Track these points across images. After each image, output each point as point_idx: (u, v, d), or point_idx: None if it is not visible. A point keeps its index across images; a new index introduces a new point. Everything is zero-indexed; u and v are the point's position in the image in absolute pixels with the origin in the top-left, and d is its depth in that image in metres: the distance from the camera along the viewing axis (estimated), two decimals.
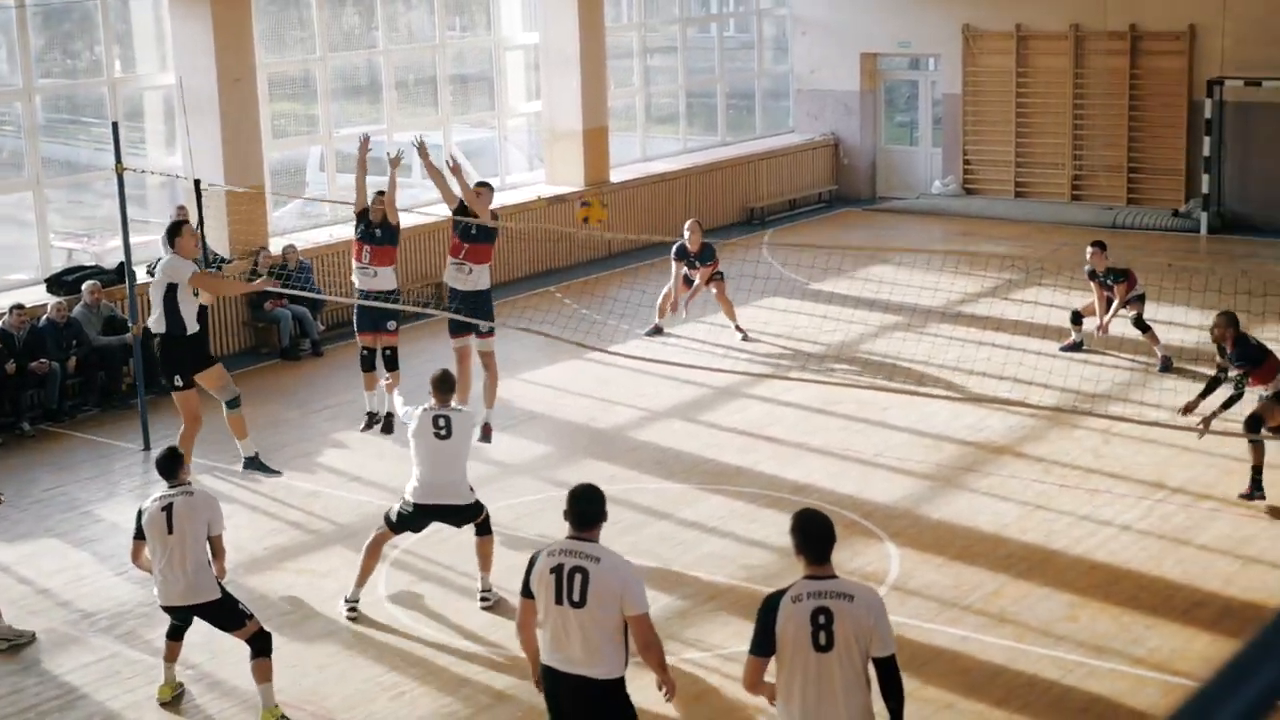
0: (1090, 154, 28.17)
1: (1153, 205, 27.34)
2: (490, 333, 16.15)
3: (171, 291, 14.78)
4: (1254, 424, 14.32)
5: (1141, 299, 18.59)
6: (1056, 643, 11.74)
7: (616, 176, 26.81)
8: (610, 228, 25.42)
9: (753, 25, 31.39)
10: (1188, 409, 14.92)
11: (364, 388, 16.92)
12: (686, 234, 20.53)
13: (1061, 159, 28.37)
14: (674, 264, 20.63)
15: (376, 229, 16.67)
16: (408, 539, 13.97)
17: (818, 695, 7.59)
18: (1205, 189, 26.38)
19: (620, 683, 8.49)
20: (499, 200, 24.87)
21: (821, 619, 7.53)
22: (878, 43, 30.16)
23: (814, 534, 7.76)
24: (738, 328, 20.34)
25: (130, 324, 17.58)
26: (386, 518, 12.63)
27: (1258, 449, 14.37)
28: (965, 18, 28.82)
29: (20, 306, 18.38)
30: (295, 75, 24.02)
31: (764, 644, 7.69)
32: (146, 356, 18.07)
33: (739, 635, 12.00)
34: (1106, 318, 18.64)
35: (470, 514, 12.68)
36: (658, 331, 20.49)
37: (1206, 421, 14.42)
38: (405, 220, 22.59)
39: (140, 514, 10.97)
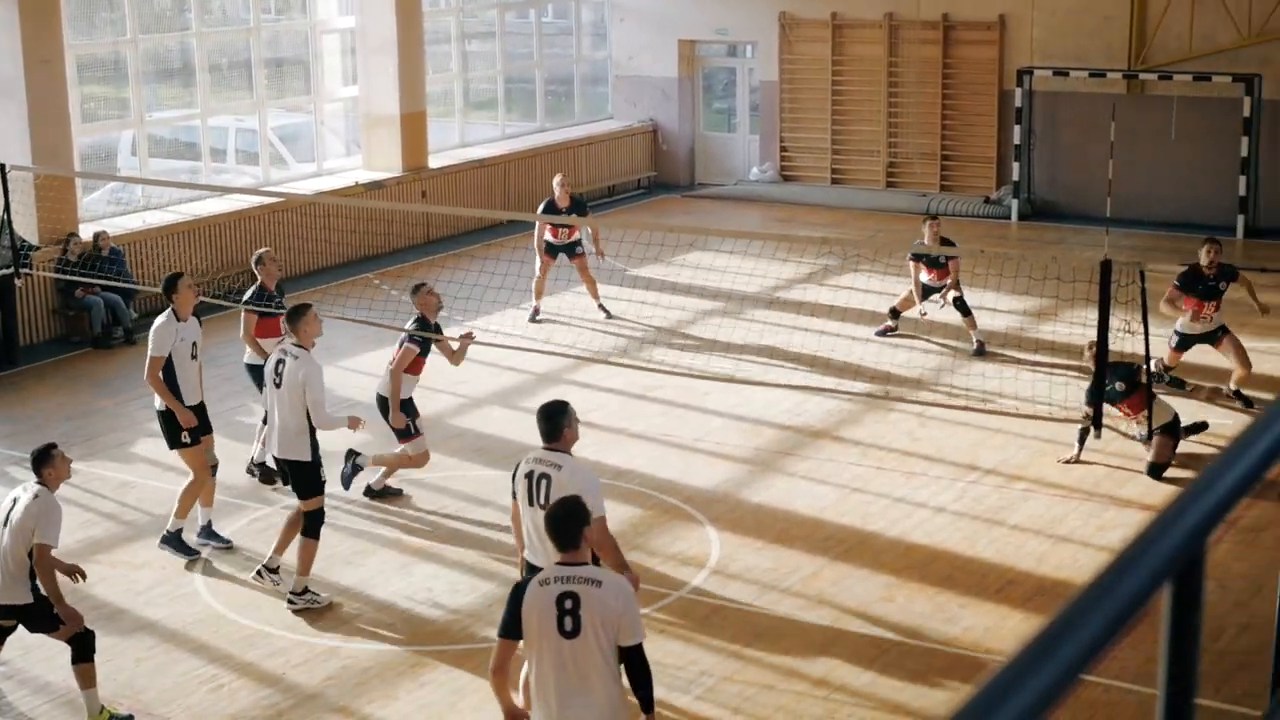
0: (904, 141, 28.58)
1: (965, 192, 27.82)
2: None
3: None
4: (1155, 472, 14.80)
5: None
6: (874, 623, 11.92)
7: (435, 162, 26.64)
8: (428, 217, 25.26)
9: (571, 11, 31.36)
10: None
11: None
12: (557, 190, 20.30)
13: (877, 146, 28.75)
14: (538, 225, 20.52)
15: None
16: (228, 528, 13.80)
17: (566, 680, 7.57)
18: (1015, 176, 26.91)
19: None
20: (317, 185, 24.62)
21: (568, 604, 7.51)
22: (696, 30, 30.31)
23: (556, 519, 7.71)
24: (600, 305, 20.48)
25: None
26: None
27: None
28: (782, 6, 29.07)
29: None
30: (105, 57, 23.50)
31: (511, 627, 7.70)
32: None
33: None
34: (949, 290, 18.72)
35: (301, 477, 12.45)
36: (536, 314, 20.45)
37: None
38: (220, 206, 22.27)
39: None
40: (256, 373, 14.74)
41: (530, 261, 20.48)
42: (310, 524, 12.43)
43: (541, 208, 20.48)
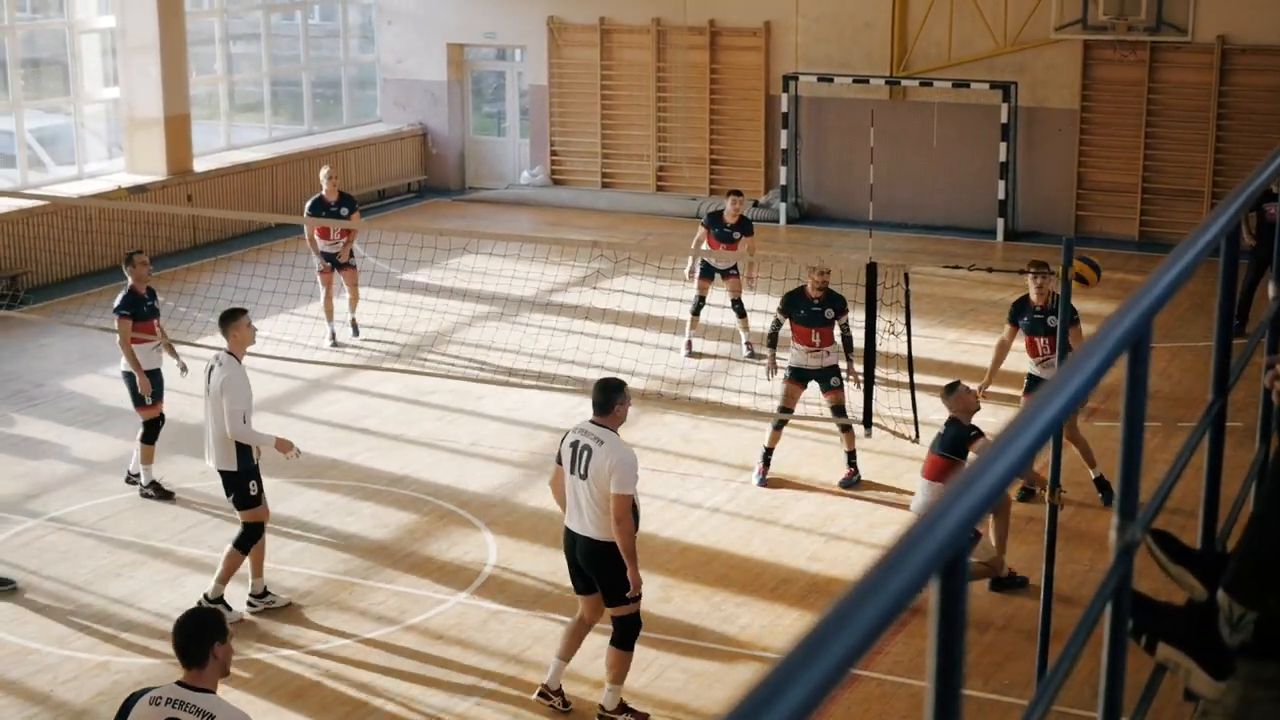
0: (674, 146, 28.84)
1: None
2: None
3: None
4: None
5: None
6: (652, 624, 12.00)
7: (200, 165, 26.18)
8: (195, 221, 24.84)
9: (338, 13, 31.06)
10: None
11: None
12: (324, 184, 19.47)
13: (646, 150, 28.97)
14: (308, 224, 19.76)
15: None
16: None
17: None
18: (783, 180, 27.33)
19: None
20: (79, 189, 24.02)
21: None
22: (464, 33, 30.23)
23: (176, 641, 7.12)
24: (353, 320, 19.81)
25: None
26: None
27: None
28: (550, 10, 29.13)
29: None
30: None
31: None
32: None
33: (336, 629, 11.93)
34: (751, 270, 18.82)
35: (230, 486, 12.18)
36: (355, 329, 19.81)
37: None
38: None
39: None
40: (133, 381, 14.54)
41: (308, 265, 19.97)
42: (242, 537, 12.10)
43: (308, 206, 19.76)
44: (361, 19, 31.48)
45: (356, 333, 19.73)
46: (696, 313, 19.15)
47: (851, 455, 15.00)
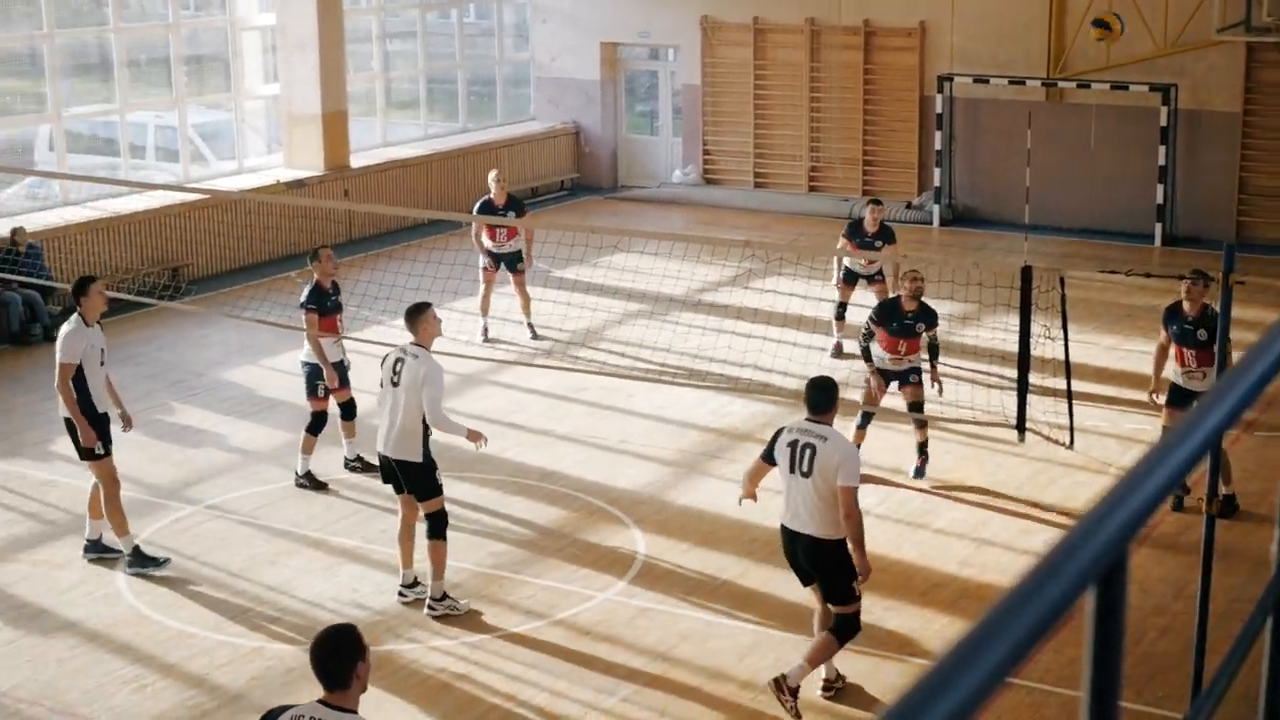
0: (826, 146, 28.73)
1: (887, 197, 27.96)
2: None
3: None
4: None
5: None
6: (801, 626, 11.98)
7: (357, 161, 26.55)
8: (351, 216, 25.19)
9: (493, 12, 31.33)
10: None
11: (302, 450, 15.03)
12: (492, 186, 19.48)
13: (799, 151, 28.89)
14: (476, 224, 19.79)
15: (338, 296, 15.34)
16: (150, 527, 13.72)
17: None
18: (937, 182, 27.14)
19: (842, 543, 10.40)
20: (239, 183, 24.47)
21: None
22: (618, 32, 30.35)
23: (314, 660, 6.95)
24: (529, 325, 19.81)
25: None
26: None
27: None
28: (704, 9, 29.16)
29: None
30: (21, 51, 23.29)
31: None
32: None
33: (486, 622, 12.05)
34: (898, 274, 18.76)
35: (414, 478, 12.19)
36: (486, 333, 19.73)
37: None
38: (140, 202, 22.10)
39: None
40: (311, 371, 14.83)
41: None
42: (433, 526, 12.19)
43: (477, 207, 19.79)
44: (516, 17, 31.72)
45: (535, 335, 19.75)
46: (840, 317, 19.08)
47: (923, 445, 15.12)
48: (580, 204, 29.43)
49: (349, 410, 15.14)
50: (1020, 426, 13.91)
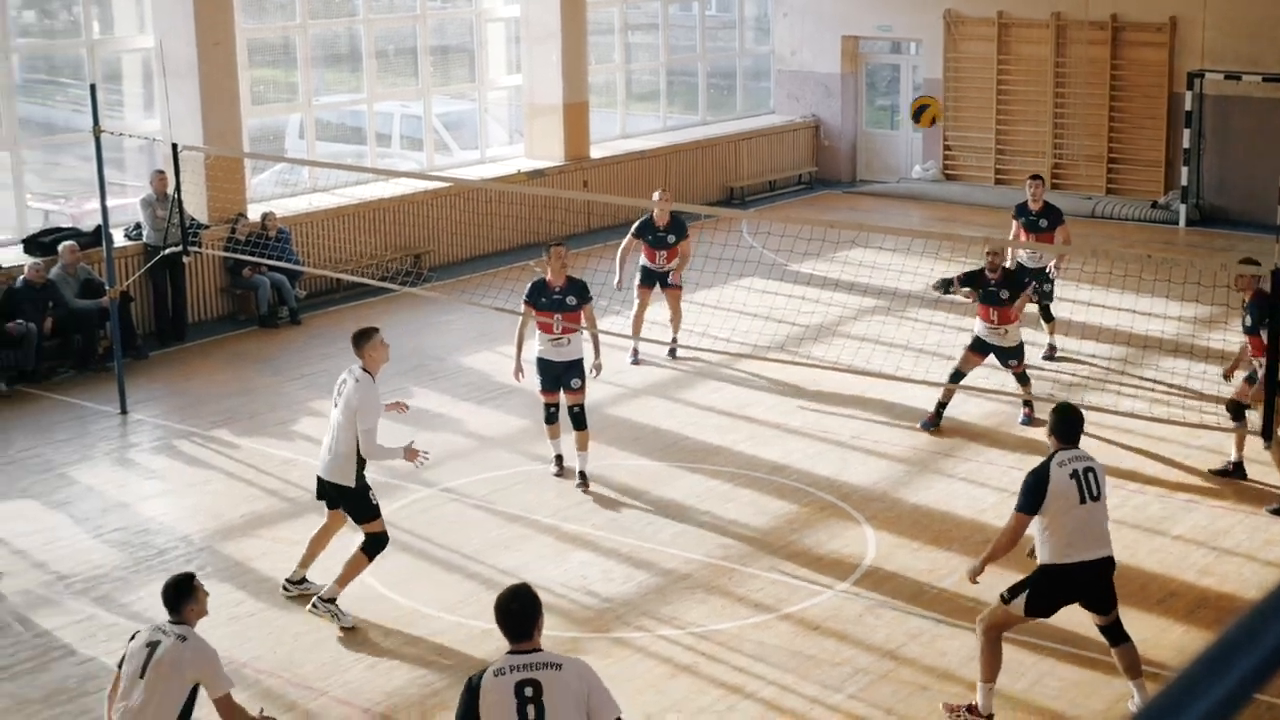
0: (1070, 143, 28.20)
1: (1132, 196, 27.40)
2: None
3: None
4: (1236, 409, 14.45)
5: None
6: (1031, 630, 11.76)
7: (596, 152, 26.77)
8: (589, 206, 25.39)
9: (734, 4, 31.33)
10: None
11: (549, 437, 15.05)
12: (655, 207, 18.60)
13: (1042, 147, 28.40)
14: (630, 240, 18.82)
15: (565, 296, 14.68)
16: (384, 509, 13.97)
17: None
18: (1184, 181, 26.45)
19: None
20: (480, 172, 24.84)
21: (528, 691, 7.13)
22: (859, 26, 30.14)
23: (506, 616, 7.35)
24: (674, 339, 18.76)
25: (107, 287, 17.46)
26: None
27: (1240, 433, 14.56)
28: (947, 3, 28.81)
29: None
30: (275, 42, 23.91)
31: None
32: (123, 320, 18.04)
33: (714, 613, 12.05)
34: (1060, 262, 18.64)
35: (350, 500, 11.95)
36: (635, 355, 18.84)
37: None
38: (385, 190, 22.60)
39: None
40: (542, 366, 14.68)
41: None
42: (368, 544, 11.87)
43: (636, 227, 18.74)
44: (757, 10, 31.67)
45: (673, 354, 18.82)
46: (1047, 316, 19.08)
47: (1028, 403, 15.82)
48: (818, 198, 29.30)
49: (575, 419, 14.64)
50: (1267, 432, 13.46)
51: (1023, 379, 16.36)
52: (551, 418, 14.84)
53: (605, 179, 26.51)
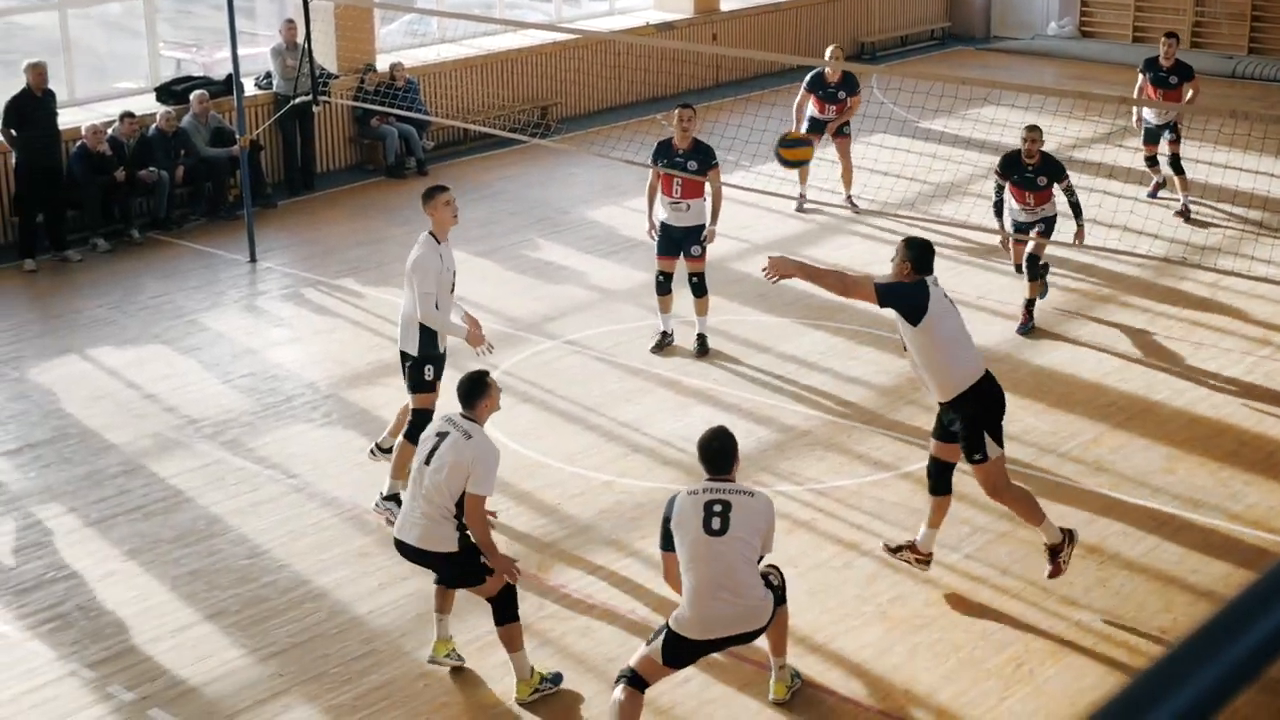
0: (1212, 0, 27.46)
1: (1275, 55, 26.68)
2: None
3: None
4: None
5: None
6: (1152, 494, 11.70)
7: (727, 5, 26.46)
8: (718, 60, 25.16)
9: None
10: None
11: (659, 310, 14.76)
12: (828, 59, 18.40)
13: (1182, 4, 27.69)
14: (803, 94, 18.93)
15: (688, 160, 14.33)
16: (506, 360, 14.06)
17: (714, 574, 8.06)
18: None
19: None
20: (609, 24, 24.67)
21: (717, 507, 8.07)
22: None
23: (708, 452, 8.32)
24: (849, 197, 19.02)
25: (238, 136, 17.62)
26: None
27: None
28: None
29: (130, 115, 18.50)
30: None
31: (667, 538, 8.23)
32: (253, 169, 18.22)
33: (833, 470, 12.08)
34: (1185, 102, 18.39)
35: (407, 368, 11.51)
36: (803, 200, 19.03)
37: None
38: (513, 41, 22.52)
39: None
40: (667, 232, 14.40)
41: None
42: (412, 426, 11.16)
43: (808, 80, 18.82)
44: None
45: (855, 208, 18.85)
46: (1153, 166, 19.05)
47: (1030, 303, 15.16)
48: (950, 54, 28.83)
49: (694, 287, 14.44)
50: None
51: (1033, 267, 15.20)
52: (662, 287, 14.51)
53: (734, 33, 26.23)
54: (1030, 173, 15.11)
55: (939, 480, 10.31)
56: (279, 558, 10.90)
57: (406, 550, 9.12)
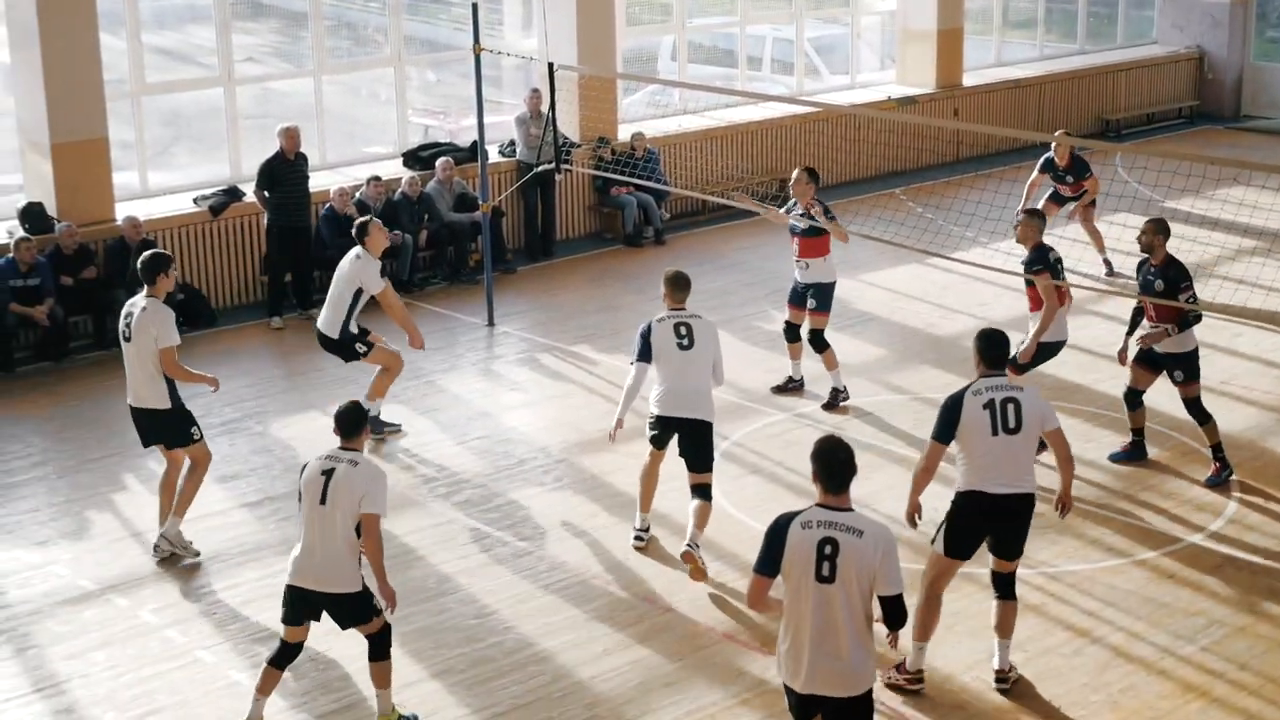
0: None
1: None
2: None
3: (356, 296, 13.98)
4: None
5: None
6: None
7: (969, 80, 26.30)
8: (959, 135, 25.01)
9: None
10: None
11: (789, 356, 15.39)
12: (1054, 145, 18.96)
13: None
14: (1038, 177, 19.28)
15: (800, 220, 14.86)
16: (737, 432, 14.07)
17: (820, 624, 7.66)
18: None
19: None
20: (850, 98, 24.68)
21: (828, 549, 7.60)
22: None
23: (832, 463, 7.81)
24: (1105, 261, 19.30)
25: (480, 202, 17.97)
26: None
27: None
28: None
29: (378, 178, 19.00)
30: None
31: (768, 564, 7.78)
32: (494, 234, 18.56)
33: (1065, 554, 11.86)
34: None
35: (701, 435, 11.78)
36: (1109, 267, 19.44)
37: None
38: (753, 114, 22.61)
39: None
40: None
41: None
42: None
43: (1042, 162, 19.20)
44: None
45: (1111, 271, 19.22)
46: None
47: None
48: (1199, 133, 28.26)
49: (813, 343, 15.02)
50: None
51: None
52: (789, 334, 15.23)
53: (977, 108, 26.04)
54: (1151, 276, 13.23)
55: None
56: (506, 619, 11.03)
57: (305, 596, 9.27)
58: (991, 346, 9.84)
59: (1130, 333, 13.60)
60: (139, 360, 11.75)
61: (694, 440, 11.74)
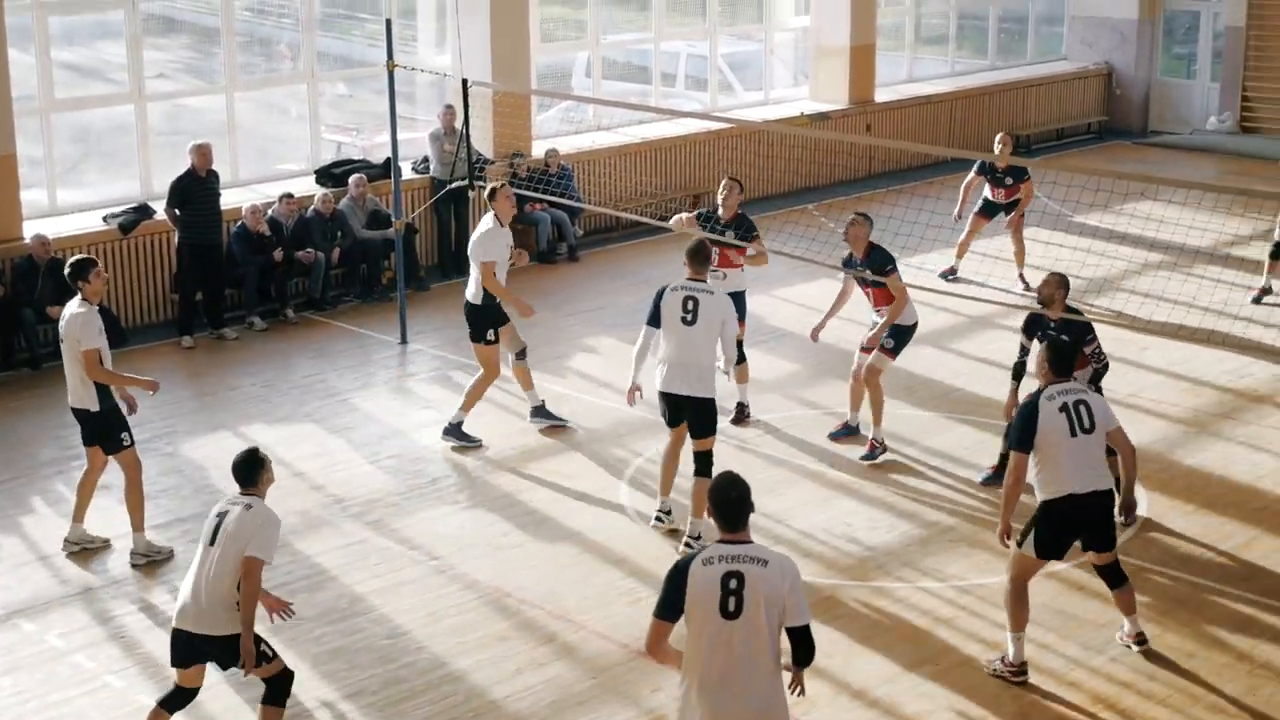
0: None
1: None
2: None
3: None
4: None
5: None
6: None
7: (881, 96, 26.48)
8: (871, 151, 25.17)
9: None
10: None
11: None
12: (996, 148, 19.35)
13: None
14: (974, 178, 19.55)
15: (726, 230, 14.99)
16: (651, 449, 14.10)
17: (725, 664, 7.33)
18: None
19: None
20: (763, 114, 24.79)
21: (733, 583, 7.28)
22: None
23: (724, 504, 7.44)
24: (1021, 276, 19.25)
25: (394, 219, 17.91)
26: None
27: None
28: None
29: (289, 196, 18.91)
30: None
31: (668, 607, 7.45)
32: (407, 252, 18.49)
33: (977, 567, 11.93)
34: None
35: (700, 410, 12.24)
36: (952, 273, 19.62)
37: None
38: (667, 130, 22.65)
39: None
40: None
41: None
42: (700, 464, 12.27)
43: (979, 164, 19.45)
44: None
45: (1027, 287, 18.71)
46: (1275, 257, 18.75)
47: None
48: (1107, 148, 28.59)
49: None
50: None
51: None
52: None
53: (889, 124, 26.22)
54: (1053, 329, 12.82)
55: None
56: (419, 639, 10.98)
57: (188, 640, 9.09)
58: (1059, 356, 10.25)
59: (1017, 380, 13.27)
60: (70, 363, 11.97)
61: (694, 414, 12.25)
